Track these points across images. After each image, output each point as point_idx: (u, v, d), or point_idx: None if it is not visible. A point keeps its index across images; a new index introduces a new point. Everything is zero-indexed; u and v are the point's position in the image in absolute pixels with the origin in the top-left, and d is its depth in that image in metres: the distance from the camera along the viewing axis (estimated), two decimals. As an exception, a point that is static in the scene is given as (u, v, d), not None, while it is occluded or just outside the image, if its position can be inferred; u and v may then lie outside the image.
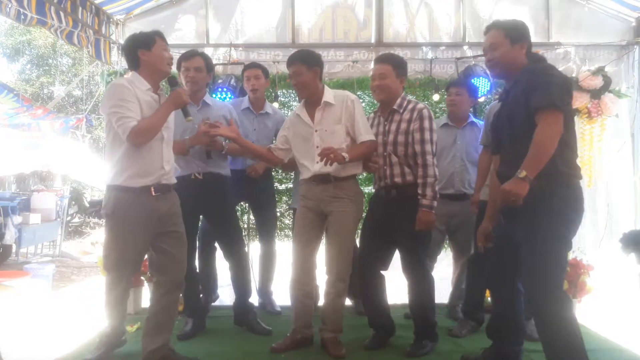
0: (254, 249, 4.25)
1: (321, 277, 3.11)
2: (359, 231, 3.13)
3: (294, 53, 2.91)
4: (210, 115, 3.10)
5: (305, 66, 2.83)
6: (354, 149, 2.86)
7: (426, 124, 2.81)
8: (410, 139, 2.83)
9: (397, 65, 2.91)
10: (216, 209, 3.19)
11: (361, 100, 4.49)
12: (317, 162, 2.83)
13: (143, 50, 2.55)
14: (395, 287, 3.36)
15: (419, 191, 2.79)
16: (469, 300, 3.39)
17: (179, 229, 2.68)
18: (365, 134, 2.87)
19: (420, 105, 2.89)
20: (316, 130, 2.88)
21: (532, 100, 2.21)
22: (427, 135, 2.80)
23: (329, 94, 2.90)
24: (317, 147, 2.84)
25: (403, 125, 2.86)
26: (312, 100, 2.91)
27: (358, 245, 3.14)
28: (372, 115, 3.12)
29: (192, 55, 3.12)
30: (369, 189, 4.43)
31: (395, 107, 2.90)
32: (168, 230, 2.63)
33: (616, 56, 4.46)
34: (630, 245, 2.57)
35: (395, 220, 2.88)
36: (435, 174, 2.80)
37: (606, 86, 4.26)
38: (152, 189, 2.54)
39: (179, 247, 2.69)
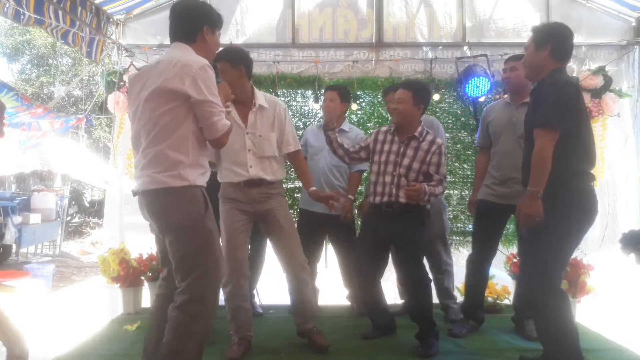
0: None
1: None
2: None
3: (221, 50, 2.69)
4: None
5: (229, 63, 2.75)
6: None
7: (443, 159, 3.01)
8: (424, 168, 2.97)
9: (417, 92, 2.97)
10: (215, 209, 3.16)
11: (361, 100, 4.51)
12: (251, 167, 2.82)
13: (209, 28, 2.25)
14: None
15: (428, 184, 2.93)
16: (469, 300, 3.40)
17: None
18: (294, 144, 2.96)
19: (439, 140, 3.03)
20: (247, 133, 2.84)
21: (533, 118, 2.44)
22: (442, 169, 3.01)
23: (261, 98, 2.89)
24: (249, 150, 2.82)
25: (420, 154, 2.97)
26: (240, 101, 2.80)
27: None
28: (382, 129, 3.15)
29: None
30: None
31: (416, 134, 3.00)
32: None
33: (616, 56, 4.45)
34: (629, 246, 2.57)
35: (394, 227, 2.96)
36: (440, 194, 3.01)
37: (607, 86, 4.25)
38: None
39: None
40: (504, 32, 4.54)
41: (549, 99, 2.38)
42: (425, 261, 3.08)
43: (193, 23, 2.24)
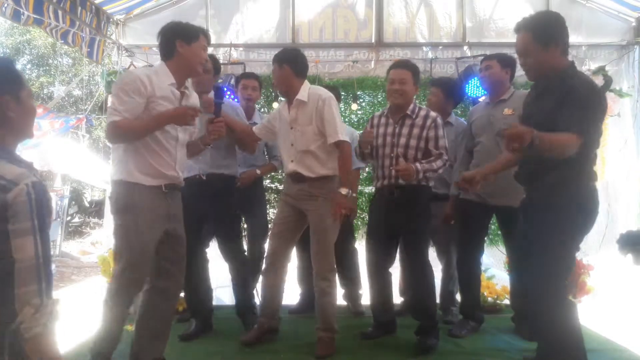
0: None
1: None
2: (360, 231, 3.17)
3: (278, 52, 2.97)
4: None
5: (277, 65, 2.89)
6: (344, 174, 2.86)
7: (440, 132, 2.95)
8: (422, 144, 2.93)
9: (415, 72, 3.02)
10: (219, 210, 3.16)
11: (361, 100, 4.52)
12: (292, 161, 2.91)
13: (182, 42, 2.35)
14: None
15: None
16: (466, 301, 3.39)
17: (181, 230, 2.51)
18: (334, 134, 2.82)
19: (433, 114, 3.01)
20: (291, 128, 2.92)
21: (566, 120, 2.15)
22: (442, 142, 2.95)
23: (303, 92, 2.88)
24: (292, 144, 2.91)
25: (415, 131, 2.95)
26: (289, 98, 2.94)
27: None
28: (376, 114, 3.17)
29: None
30: (369, 189, 4.44)
31: (408, 112, 2.98)
32: (173, 232, 2.45)
33: (617, 56, 4.45)
34: (627, 246, 2.57)
35: (397, 217, 2.93)
36: (439, 168, 2.90)
37: (607, 86, 4.25)
38: (163, 186, 2.37)
39: (182, 250, 2.52)
40: (504, 32, 4.54)
41: (589, 104, 2.16)
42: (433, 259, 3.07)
43: (167, 42, 2.39)
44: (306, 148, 2.86)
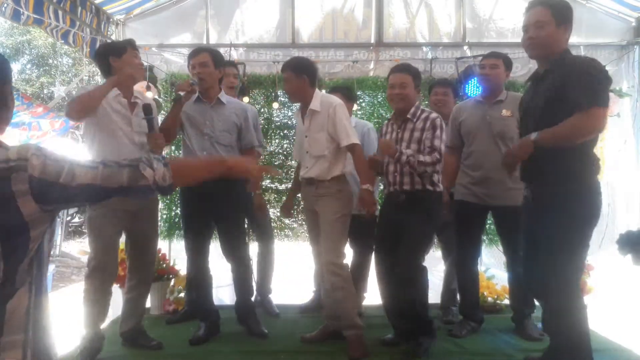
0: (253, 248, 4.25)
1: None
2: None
3: (287, 60, 3.05)
4: (223, 114, 3.13)
5: (294, 74, 2.94)
6: (362, 172, 2.92)
7: (438, 132, 2.88)
8: (422, 147, 2.88)
9: (416, 76, 2.99)
10: (225, 209, 3.15)
11: (361, 100, 4.52)
12: (306, 167, 3.01)
13: (114, 58, 2.74)
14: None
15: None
16: (465, 300, 3.39)
17: (147, 227, 2.83)
18: (346, 138, 2.90)
19: (434, 115, 2.95)
20: (306, 136, 3.02)
21: (577, 97, 2.15)
22: (436, 141, 2.85)
23: (316, 102, 2.96)
24: (307, 152, 3.01)
25: (416, 134, 2.92)
26: (303, 106, 3.03)
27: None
28: (385, 123, 3.18)
29: (198, 52, 3.13)
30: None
31: (409, 116, 2.96)
32: (137, 229, 2.76)
33: (617, 56, 4.45)
34: (626, 246, 2.56)
35: (404, 219, 2.90)
36: (427, 164, 2.80)
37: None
38: None
39: (149, 246, 2.84)
40: (504, 32, 4.55)
41: (599, 76, 2.17)
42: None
43: (101, 61, 2.82)
44: (320, 154, 2.95)
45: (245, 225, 4.06)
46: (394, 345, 3.03)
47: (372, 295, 3.31)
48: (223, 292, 4.00)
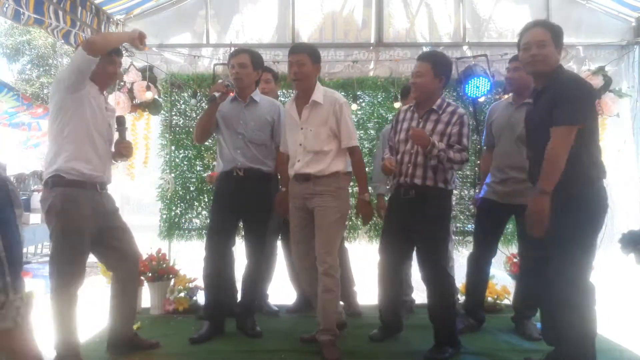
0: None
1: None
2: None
3: (301, 43, 3.02)
4: (256, 113, 3.15)
5: (311, 59, 2.87)
6: (360, 178, 2.98)
7: (465, 129, 2.81)
8: (445, 140, 2.80)
9: (437, 63, 2.83)
10: (254, 207, 3.14)
11: (361, 100, 4.52)
12: (298, 161, 2.88)
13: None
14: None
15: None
16: (470, 298, 3.40)
17: (122, 224, 2.85)
18: (348, 140, 2.88)
19: (461, 110, 2.87)
20: (302, 128, 2.91)
21: (554, 115, 2.32)
22: (465, 139, 2.81)
23: (318, 93, 2.90)
24: (300, 144, 2.89)
25: (440, 127, 2.82)
26: (303, 96, 2.93)
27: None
28: (403, 108, 3.10)
29: (238, 52, 3.17)
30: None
31: (435, 107, 2.86)
32: (114, 226, 2.76)
33: (616, 56, 4.45)
34: (629, 246, 2.57)
35: (414, 220, 2.85)
36: (457, 161, 2.77)
37: (606, 86, 4.25)
38: (98, 186, 2.68)
39: (129, 241, 2.83)
40: (504, 32, 4.54)
41: (576, 94, 2.33)
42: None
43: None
44: (319, 149, 2.86)
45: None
46: (379, 342, 3.10)
47: (373, 295, 3.30)
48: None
